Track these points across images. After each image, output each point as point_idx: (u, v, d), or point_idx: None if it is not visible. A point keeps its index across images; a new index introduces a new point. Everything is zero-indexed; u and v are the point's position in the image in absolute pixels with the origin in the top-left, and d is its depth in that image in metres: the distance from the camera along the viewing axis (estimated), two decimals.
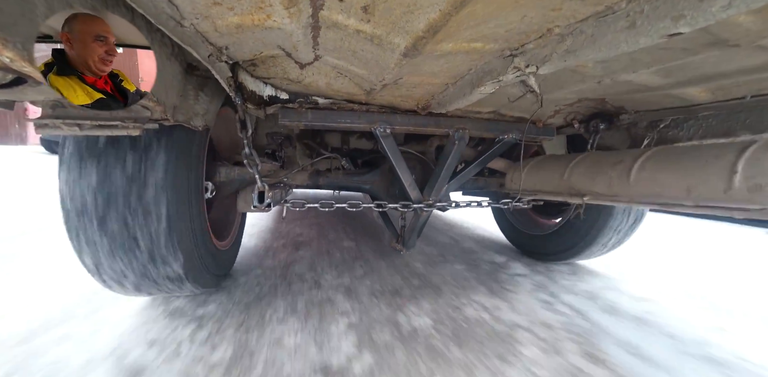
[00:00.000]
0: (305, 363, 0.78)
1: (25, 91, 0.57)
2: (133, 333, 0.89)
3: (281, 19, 0.54)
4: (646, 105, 0.99)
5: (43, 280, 1.19)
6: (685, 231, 2.85)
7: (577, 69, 0.74)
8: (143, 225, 0.80)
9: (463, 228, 2.48)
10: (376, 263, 1.55)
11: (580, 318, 1.07)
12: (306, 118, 1.01)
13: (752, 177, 0.63)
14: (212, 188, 1.06)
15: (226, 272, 1.22)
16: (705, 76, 0.71)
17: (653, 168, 0.84)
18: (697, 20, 0.42)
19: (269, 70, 0.81)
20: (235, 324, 0.94)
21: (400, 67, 0.67)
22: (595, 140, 1.18)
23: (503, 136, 1.17)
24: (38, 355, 0.77)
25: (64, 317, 0.95)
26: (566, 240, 1.56)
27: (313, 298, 1.12)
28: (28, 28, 0.41)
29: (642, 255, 1.93)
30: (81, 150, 0.78)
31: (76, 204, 0.78)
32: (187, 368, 0.75)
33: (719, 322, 1.10)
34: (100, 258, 0.81)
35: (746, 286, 1.50)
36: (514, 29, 0.56)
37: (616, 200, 0.96)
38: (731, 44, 0.54)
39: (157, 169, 0.80)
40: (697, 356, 0.89)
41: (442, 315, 1.04)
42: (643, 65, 0.67)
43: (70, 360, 0.77)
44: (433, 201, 1.24)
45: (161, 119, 0.70)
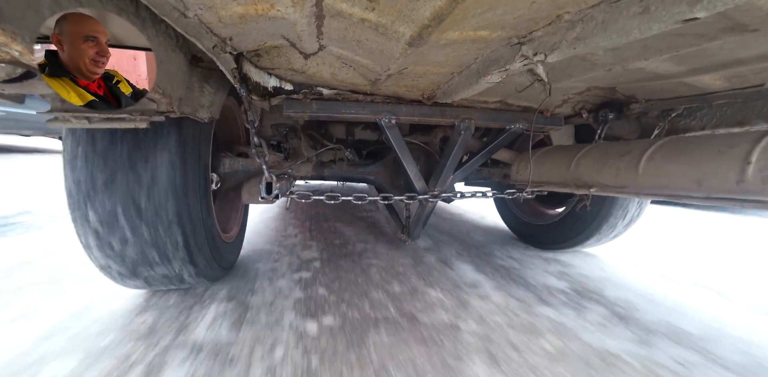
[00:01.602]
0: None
1: (35, 84, 0.58)
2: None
3: (285, 9, 0.53)
4: (658, 93, 0.97)
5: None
6: (691, 220, 2.82)
7: (587, 57, 0.72)
8: (151, 218, 0.82)
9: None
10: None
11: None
12: (311, 108, 1.01)
13: (767, 167, 0.62)
14: (217, 179, 1.06)
15: (231, 265, 1.22)
16: (721, 63, 0.69)
17: (662, 158, 0.82)
18: (715, 4, 0.41)
19: (273, 61, 0.80)
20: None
21: (405, 57, 0.66)
22: (604, 130, 1.16)
23: (510, 126, 1.16)
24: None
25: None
26: (569, 230, 1.57)
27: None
28: (36, 21, 0.41)
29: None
30: (87, 143, 0.79)
31: (81, 196, 0.79)
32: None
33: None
34: (108, 252, 0.83)
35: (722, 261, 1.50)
36: (522, 16, 0.54)
37: (623, 191, 0.95)
38: (750, 29, 0.52)
39: (164, 161, 0.81)
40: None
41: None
42: (656, 52, 0.65)
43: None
44: (438, 192, 1.24)
45: (167, 111, 0.70)
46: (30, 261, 1.27)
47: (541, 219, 1.79)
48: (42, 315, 0.90)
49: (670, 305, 1.16)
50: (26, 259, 1.28)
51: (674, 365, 0.81)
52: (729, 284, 1.41)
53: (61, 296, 1.01)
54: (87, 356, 0.74)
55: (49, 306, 0.95)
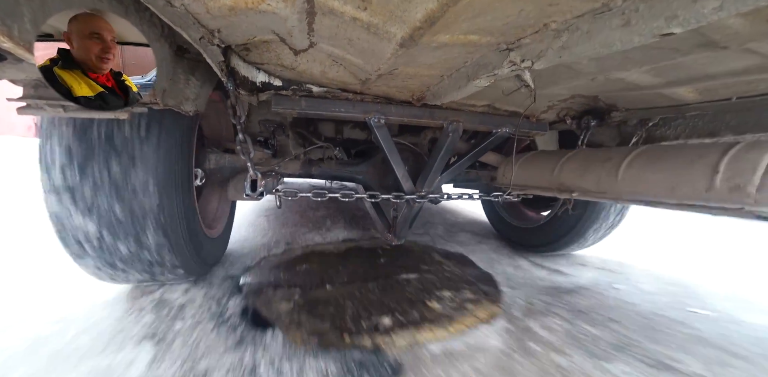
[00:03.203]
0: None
1: (5, 68, 0.55)
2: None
3: (276, 4, 0.52)
4: (637, 103, 1.01)
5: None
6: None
7: (572, 65, 0.74)
8: (130, 211, 0.79)
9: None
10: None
11: None
12: (299, 105, 0.99)
13: (733, 177, 0.65)
14: (202, 175, 1.04)
15: (215, 260, 1.21)
16: (694, 77, 0.73)
17: (640, 166, 0.86)
18: (690, 21, 0.43)
19: (263, 56, 0.79)
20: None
21: (396, 58, 0.67)
22: (586, 136, 1.20)
23: (497, 130, 1.18)
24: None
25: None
26: (554, 233, 1.61)
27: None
28: (8, 2, 0.39)
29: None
30: (67, 133, 0.76)
31: (60, 187, 0.76)
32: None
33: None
34: (84, 245, 0.81)
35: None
36: (511, 23, 0.55)
37: (603, 197, 0.98)
38: (721, 46, 0.56)
39: (146, 155, 0.78)
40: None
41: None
42: (636, 64, 0.68)
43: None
44: (425, 193, 1.25)
45: (150, 103, 0.68)
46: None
47: (527, 222, 1.82)
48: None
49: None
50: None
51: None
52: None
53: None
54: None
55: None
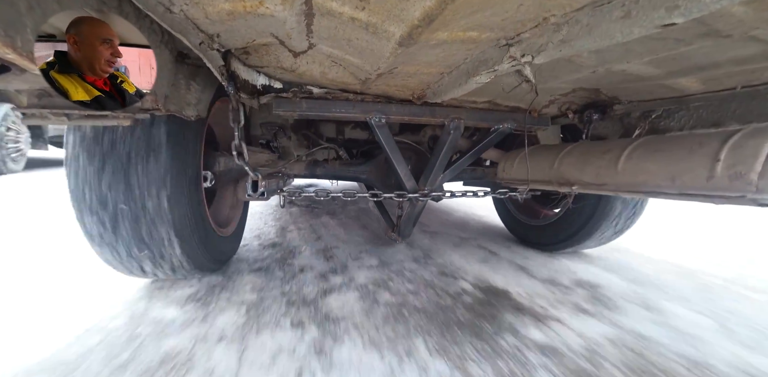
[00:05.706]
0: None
1: (9, 79, 0.56)
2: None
3: (274, 6, 0.53)
4: (640, 95, 1.00)
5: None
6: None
7: (572, 59, 0.74)
8: (142, 211, 0.84)
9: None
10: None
11: None
12: (300, 107, 1.00)
13: (734, 165, 0.64)
14: (211, 177, 1.07)
15: (227, 258, 1.26)
16: (697, 67, 0.72)
17: (640, 157, 0.85)
18: (691, 10, 0.42)
19: (262, 59, 0.79)
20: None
21: (396, 56, 0.66)
22: (589, 130, 1.19)
23: (498, 126, 1.17)
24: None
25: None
26: (565, 230, 1.55)
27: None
28: (10, 14, 0.40)
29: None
30: (82, 140, 0.81)
31: (79, 195, 0.82)
32: None
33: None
34: (104, 241, 0.86)
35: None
36: (510, 18, 0.55)
37: (603, 189, 0.97)
38: (724, 35, 0.55)
39: (156, 159, 0.82)
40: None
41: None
42: (637, 55, 0.67)
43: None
44: (428, 191, 1.25)
45: (152, 109, 0.69)
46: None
47: (538, 219, 1.77)
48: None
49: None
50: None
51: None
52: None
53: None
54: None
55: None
